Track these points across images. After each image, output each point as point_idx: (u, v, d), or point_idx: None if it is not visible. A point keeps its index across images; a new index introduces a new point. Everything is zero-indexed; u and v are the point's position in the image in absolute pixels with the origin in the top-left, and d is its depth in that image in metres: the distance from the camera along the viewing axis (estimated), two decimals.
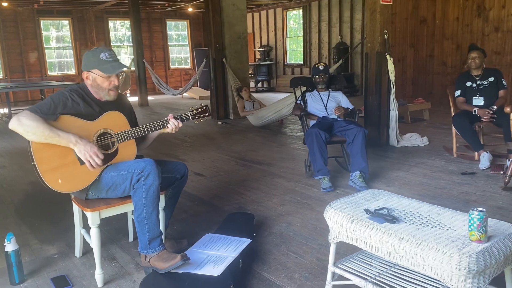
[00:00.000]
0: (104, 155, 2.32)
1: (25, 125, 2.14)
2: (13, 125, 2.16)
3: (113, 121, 2.40)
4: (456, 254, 1.54)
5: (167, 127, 2.50)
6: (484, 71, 4.63)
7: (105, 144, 2.36)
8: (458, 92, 4.71)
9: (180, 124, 2.52)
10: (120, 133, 2.38)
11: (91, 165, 2.24)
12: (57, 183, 2.23)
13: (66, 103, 2.28)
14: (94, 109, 2.37)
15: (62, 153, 2.24)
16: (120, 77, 2.46)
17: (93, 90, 2.40)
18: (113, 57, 2.37)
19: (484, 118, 4.39)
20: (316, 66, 4.50)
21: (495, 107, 4.36)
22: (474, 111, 4.46)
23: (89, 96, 2.40)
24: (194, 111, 2.58)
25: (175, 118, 2.51)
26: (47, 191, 2.26)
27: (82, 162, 2.27)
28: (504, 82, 4.55)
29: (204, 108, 2.61)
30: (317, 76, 4.44)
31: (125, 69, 2.41)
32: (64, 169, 2.25)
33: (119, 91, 2.47)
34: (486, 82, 4.59)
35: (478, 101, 4.57)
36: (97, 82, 2.36)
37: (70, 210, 2.73)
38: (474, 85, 4.62)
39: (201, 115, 2.59)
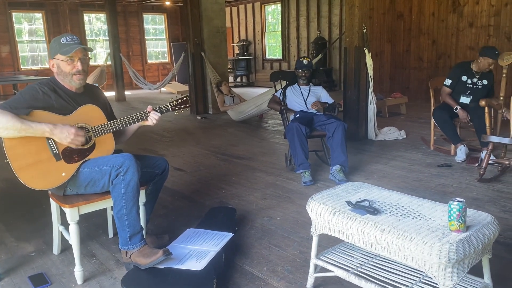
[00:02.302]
0: (81, 150, 2.27)
1: None
2: None
3: (88, 115, 2.34)
4: (437, 244, 1.57)
5: (146, 119, 2.46)
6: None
7: None
8: (448, 82, 4.57)
9: (158, 116, 2.46)
10: (96, 127, 2.33)
11: (77, 145, 2.23)
12: (32, 180, 2.18)
13: (37, 96, 2.22)
14: (66, 102, 2.30)
15: (37, 149, 2.18)
16: (83, 59, 2.31)
17: (60, 78, 2.34)
18: (74, 41, 2.29)
19: (462, 120, 4.41)
20: (301, 60, 4.45)
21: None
22: (456, 108, 4.44)
23: (60, 88, 2.33)
24: (174, 102, 2.54)
25: (155, 110, 2.47)
26: (23, 187, 2.20)
27: (58, 158, 2.22)
28: (493, 89, 4.50)
29: (185, 98, 2.56)
30: (300, 71, 4.42)
31: (81, 48, 2.27)
32: (40, 165, 2.19)
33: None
34: (480, 84, 4.48)
35: (466, 99, 4.50)
36: (61, 68, 2.30)
37: (47, 207, 2.66)
38: (469, 81, 4.49)
39: (182, 106, 2.55)
